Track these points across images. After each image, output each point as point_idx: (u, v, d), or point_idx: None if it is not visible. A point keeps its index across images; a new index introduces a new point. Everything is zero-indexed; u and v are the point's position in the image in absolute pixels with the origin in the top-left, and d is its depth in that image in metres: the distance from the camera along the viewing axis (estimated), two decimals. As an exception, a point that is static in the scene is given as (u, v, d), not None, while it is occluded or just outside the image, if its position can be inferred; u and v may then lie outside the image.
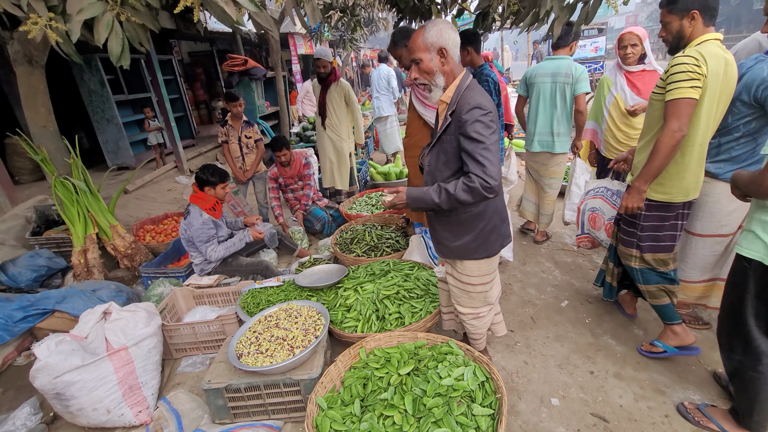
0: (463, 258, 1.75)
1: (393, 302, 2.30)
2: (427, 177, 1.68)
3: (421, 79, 1.57)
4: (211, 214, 2.88)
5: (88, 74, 6.00)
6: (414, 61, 1.54)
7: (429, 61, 1.53)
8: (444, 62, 1.55)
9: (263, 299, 2.45)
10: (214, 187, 2.91)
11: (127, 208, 5.22)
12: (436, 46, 1.52)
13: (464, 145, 1.48)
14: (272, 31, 1.56)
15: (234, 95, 3.73)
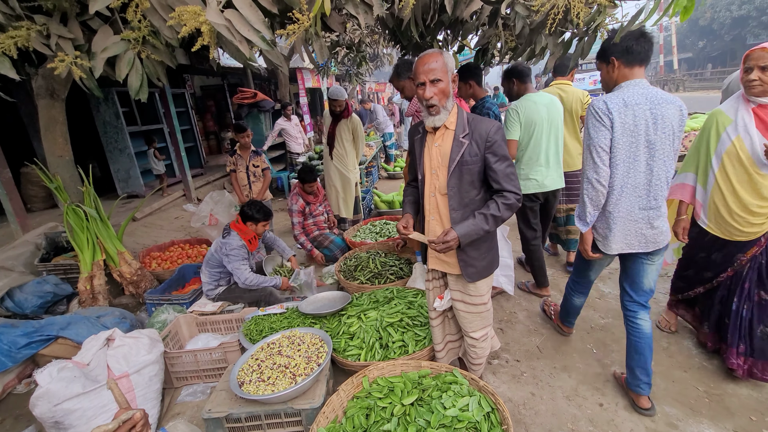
0: (485, 276, 1.81)
1: (396, 330, 2.28)
2: (452, 201, 1.70)
3: (435, 99, 1.60)
4: (249, 245, 2.93)
5: (104, 107, 6.25)
6: (434, 81, 1.57)
7: (447, 83, 1.60)
8: (454, 88, 1.65)
9: (266, 326, 2.44)
10: (256, 224, 2.95)
11: (135, 235, 5.29)
12: (452, 72, 1.62)
13: (494, 164, 1.63)
14: (282, 67, 1.65)
15: (242, 127, 3.87)
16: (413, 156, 1.85)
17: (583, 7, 1.52)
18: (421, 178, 1.79)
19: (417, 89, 1.63)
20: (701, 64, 33.43)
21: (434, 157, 1.72)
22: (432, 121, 1.66)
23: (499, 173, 1.62)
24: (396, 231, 3.39)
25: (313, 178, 3.83)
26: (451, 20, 1.94)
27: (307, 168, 3.86)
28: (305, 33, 1.53)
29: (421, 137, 1.78)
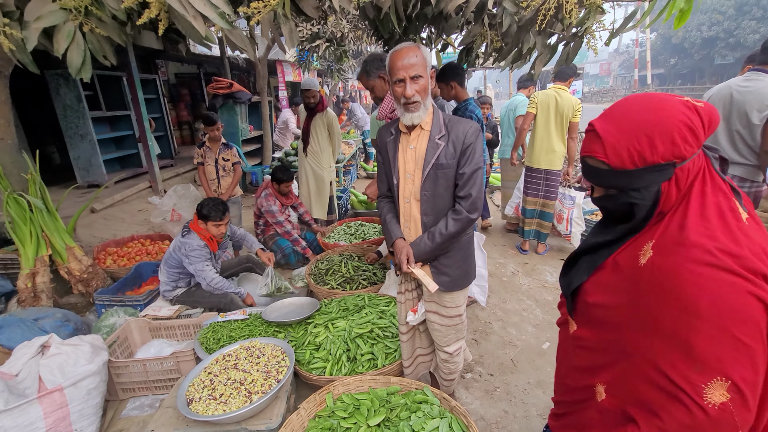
0: (461, 286, 1.71)
1: (366, 342, 2.14)
2: (425, 206, 1.59)
3: (417, 96, 1.48)
4: (210, 245, 2.69)
5: (64, 89, 5.83)
6: (415, 77, 1.45)
7: (427, 79, 1.48)
8: (433, 84, 1.53)
9: (225, 335, 2.25)
10: (206, 223, 2.67)
11: (93, 228, 4.93)
12: (430, 66, 1.50)
13: (464, 166, 1.52)
14: (247, 51, 1.48)
15: (212, 119, 3.63)
16: (385, 160, 1.69)
17: (576, 5, 1.42)
18: (396, 183, 1.65)
19: (394, 87, 1.49)
20: (672, 80, 34.86)
21: (409, 160, 1.59)
22: (410, 119, 1.51)
23: (465, 176, 1.52)
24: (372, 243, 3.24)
25: (289, 177, 3.65)
26: (435, 14, 1.82)
27: (282, 167, 3.67)
28: (273, 14, 1.36)
29: (394, 139, 1.63)
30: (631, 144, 0.78)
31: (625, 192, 0.83)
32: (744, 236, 0.73)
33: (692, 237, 0.74)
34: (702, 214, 0.77)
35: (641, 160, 0.79)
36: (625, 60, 42.40)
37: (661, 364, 0.76)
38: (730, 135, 2.52)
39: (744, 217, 0.76)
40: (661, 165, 0.78)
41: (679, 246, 0.76)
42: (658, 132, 0.76)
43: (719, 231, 0.74)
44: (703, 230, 0.75)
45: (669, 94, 0.82)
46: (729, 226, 0.75)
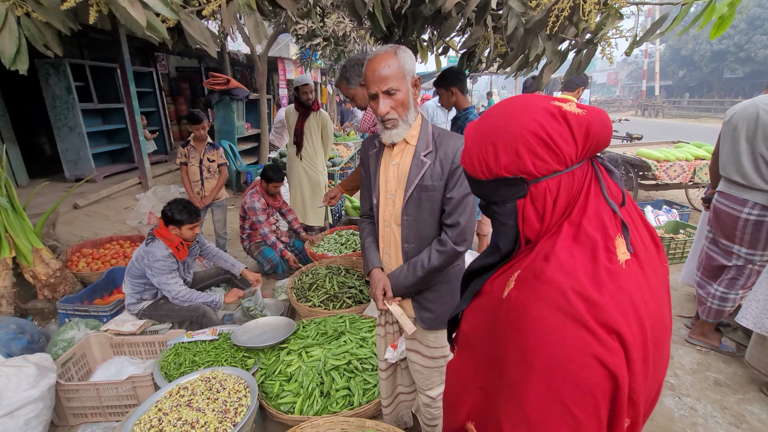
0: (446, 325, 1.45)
1: (342, 375, 1.92)
2: (407, 231, 1.38)
3: (393, 113, 1.27)
4: (177, 253, 2.46)
5: (54, 79, 5.64)
6: (389, 92, 1.24)
7: (406, 92, 1.26)
8: (416, 95, 1.30)
9: (188, 359, 2.04)
10: (179, 227, 2.44)
11: (74, 226, 4.73)
12: (411, 75, 1.28)
13: (453, 190, 1.31)
14: (207, 47, 1.27)
15: (198, 117, 3.42)
16: (367, 176, 1.48)
17: (595, 6, 1.21)
18: (376, 203, 1.43)
19: (370, 101, 1.28)
20: (679, 92, 34.55)
21: (391, 178, 1.38)
22: (389, 137, 1.31)
23: (453, 201, 1.30)
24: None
25: (279, 177, 3.44)
26: (432, 12, 1.61)
27: (275, 166, 3.46)
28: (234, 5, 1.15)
29: (377, 152, 1.42)
30: (480, 151, 0.68)
31: (489, 204, 0.73)
32: (611, 280, 0.60)
33: (549, 272, 0.63)
34: (570, 248, 0.64)
35: (488, 170, 0.68)
36: (633, 70, 42.12)
37: (501, 412, 0.67)
38: (753, 158, 2.29)
39: (622, 258, 0.63)
40: (507, 179, 0.66)
41: (536, 281, 0.64)
42: (503, 140, 0.65)
43: (583, 270, 0.61)
44: (565, 266, 0.62)
45: (542, 97, 0.69)
46: (597, 265, 0.61)
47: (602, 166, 0.71)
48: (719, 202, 2.37)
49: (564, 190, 0.66)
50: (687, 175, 4.86)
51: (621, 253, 0.63)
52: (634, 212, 0.70)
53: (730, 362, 2.49)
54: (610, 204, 0.66)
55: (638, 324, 0.59)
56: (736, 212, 2.26)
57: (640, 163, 4.96)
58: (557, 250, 0.65)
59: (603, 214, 0.66)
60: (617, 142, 7.71)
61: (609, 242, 0.63)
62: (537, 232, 0.70)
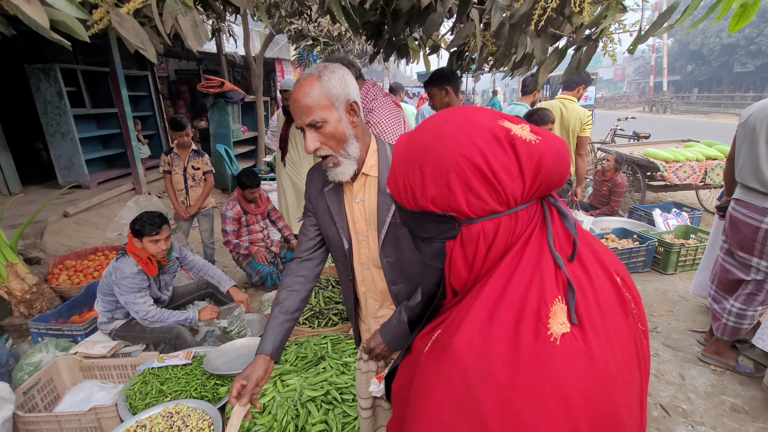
0: None
1: (320, 407, 1.76)
2: (390, 274, 1.19)
3: (324, 149, 1.04)
4: (146, 268, 2.28)
5: (45, 84, 5.55)
6: (313, 124, 1.01)
7: (337, 122, 1.02)
8: (356, 122, 1.07)
9: (155, 387, 1.89)
10: (141, 240, 2.26)
11: (62, 235, 4.63)
12: (343, 100, 1.03)
13: None
14: (145, 50, 1.11)
15: (180, 123, 3.28)
16: (322, 214, 1.22)
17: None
18: (347, 248, 1.21)
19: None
20: (688, 87, 33.92)
21: (359, 218, 1.17)
22: (334, 175, 1.09)
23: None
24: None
25: (254, 183, 3.27)
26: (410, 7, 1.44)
27: (249, 171, 3.31)
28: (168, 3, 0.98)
29: (335, 188, 1.18)
30: (405, 174, 0.53)
31: (415, 239, 0.59)
32: (533, 364, 0.45)
33: (457, 346, 0.49)
34: (491, 312, 0.49)
35: (413, 200, 0.53)
36: (640, 66, 41.46)
37: None
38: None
39: (558, 330, 0.46)
40: (435, 215, 0.51)
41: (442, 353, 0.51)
42: (431, 166, 0.50)
43: (498, 346, 0.47)
44: (477, 339, 0.48)
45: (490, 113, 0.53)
46: (518, 341, 0.46)
47: (554, 207, 0.54)
48: (736, 210, 2.16)
49: (502, 235, 0.51)
50: (698, 176, 4.64)
51: (557, 324, 0.47)
52: (593, 263, 0.53)
53: (747, 384, 2.29)
54: (554, 257, 0.50)
55: (568, 422, 0.43)
56: (756, 222, 2.05)
57: (648, 163, 4.74)
58: (472, 315, 0.49)
59: (543, 270, 0.49)
60: (623, 142, 7.46)
61: (542, 309, 0.48)
62: (463, 282, 0.54)
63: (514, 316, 0.47)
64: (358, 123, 1.08)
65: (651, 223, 4.23)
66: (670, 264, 3.61)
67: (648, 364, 0.55)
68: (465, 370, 0.46)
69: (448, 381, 0.47)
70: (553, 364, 0.45)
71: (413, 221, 0.55)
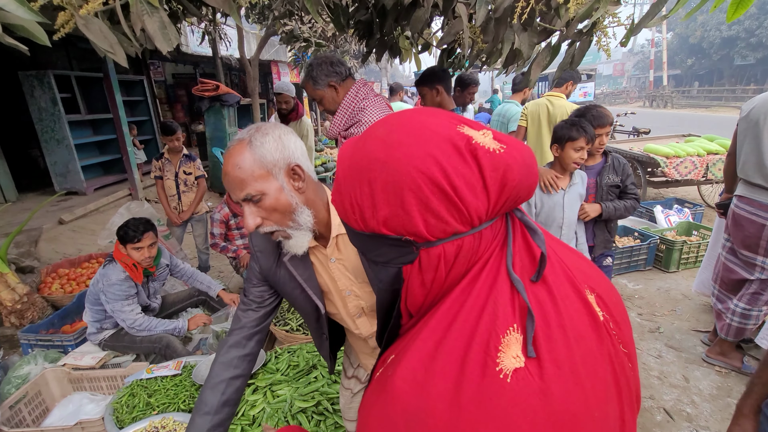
0: None
1: (311, 418, 1.71)
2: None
3: (267, 225, 0.90)
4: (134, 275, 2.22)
5: (39, 91, 5.53)
6: (249, 199, 0.86)
7: (278, 192, 0.87)
8: (302, 187, 0.90)
9: (142, 400, 1.84)
10: (125, 245, 2.21)
11: (57, 242, 4.59)
12: (282, 165, 0.88)
13: None
14: (115, 54, 1.06)
15: (171, 128, 3.23)
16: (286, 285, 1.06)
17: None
18: (324, 313, 1.09)
19: None
20: (688, 81, 33.72)
21: (339, 277, 1.04)
22: (289, 248, 0.94)
23: None
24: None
25: None
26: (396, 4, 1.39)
27: None
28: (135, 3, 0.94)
29: (299, 257, 1.01)
30: (353, 191, 0.46)
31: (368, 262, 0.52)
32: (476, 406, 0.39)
33: (398, 380, 0.44)
34: (438, 343, 0.44)
35: (363, 221, 0.46)
36: (640, 60, 41.24)
37: None
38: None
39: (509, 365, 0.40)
40: (389, 238, 0.45)
41: (383, 386, 0.46)
42: (383, 181, 0.43)
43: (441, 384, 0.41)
44: (419, 375, 0.43)
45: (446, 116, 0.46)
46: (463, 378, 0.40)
47: (521, 222, 0.48)
48: (739, 207, 2.10)
49: (463, 257, 0.45)
50: (699, 172, 4.57)
51: (509, 357, 0.40)
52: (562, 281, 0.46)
53: (754, 385, 2.22)
54: (512, 279, 0.44)
55: None
56: (761, 220, 1.99)
57: (648, 159, 4.67)
58: (417, 346, 0.44)
59: (498, 295, 0.43)
60: (623, 137, 7.38)
61: (492, 340, 0.41)
62: (419, 307, 0.49)
63: (462, 349, 0.41)
64: (306, 187, 0.91)
65: (652, 219, 4.16)
66: (673, 262, 3.55)
67: (634, 392, 0.48)
68: (405, 409, 0.40)
69: (384, 421, 0.42)
70: (499, 405, 0.38)
71: (364, 243, 0.48)
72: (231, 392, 1.04)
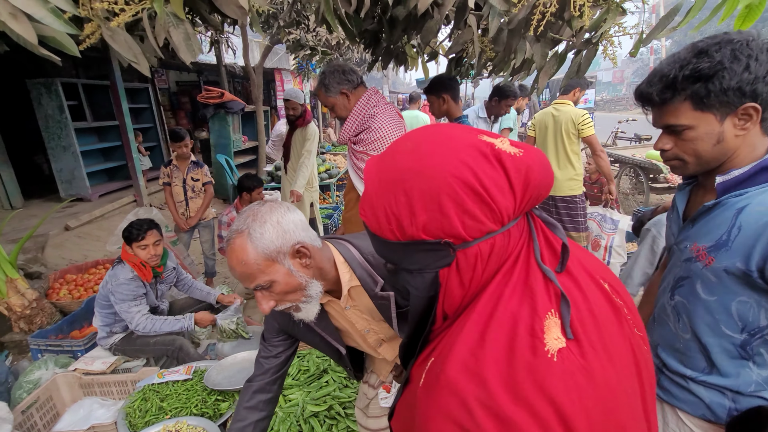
0: None
1: (323, 422, 1.72)
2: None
3: (283, 305, 0.93)
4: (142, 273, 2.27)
5: (46, 98, 5.59)
6: (261, 289, 0.89)
7: (287, 276, 0.88)
8: (309, 263, 0.92)
9: (155, 405, 1.85)
10: (131, 246, 2.28)
11: (63, 249, 4.62)
12: (286, 250, 0.88)
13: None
14: (138, 63, 1.10)
15: (179, 135, 3.28)
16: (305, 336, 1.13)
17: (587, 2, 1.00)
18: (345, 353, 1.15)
19: None
20: (688, 88, 33.84)
21: (357, 320, 1.08)
22: (302, 317, 0.98)
23: None
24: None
25: (258, 182, 3.26)
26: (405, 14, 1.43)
27: (247, 174, 3.31)
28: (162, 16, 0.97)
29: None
30: (387, 202, 0.49)
31: (400, 271, 0.54)
32: (532, 382, 0.42)
33: (450, 373, 0.46)
34: (483, 333, 0.46)
35: (400, 231, 0.49)
36: (639, 68, 41.48)
37: None
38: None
39: (554, 346, 0.44)
40: (428, 243, 0.47)
41: (436, 382, 0.48)
42: (419, 190, 0.46)
43: (494, 367, 0.44)
44: (470, 362, 0.45)
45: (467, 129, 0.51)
46: (514, 359, 0.43)
47: (540, 219, 0.53)
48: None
49: (496, 255, 0.48)
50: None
51: (552, 339, 0.44)
52: (581, 272, 0.50)
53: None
54: (542, 269, 0.48)
55: None
56: None
57: (651, 166, 4.71)
58: (465, 336, 0.47)
59: (533, 284, 0.47)
60: (625, 144, 7.43)
61: (536, 323, 0.45)
62: (456, 307, 0.52)
63: (507, 335, 0.45)
64: (312, 262, 0.92)
65: (655, 225, 4.18)
66: (677, 267, 3.56)
67: (652, 373, 0.52)
68: (462, 396, 0.43)
69: (445, 410, 0.44)
70: (551, 382, 0.42)
71: (397, 254, 0.51)
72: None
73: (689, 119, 0.81)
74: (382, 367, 1.38)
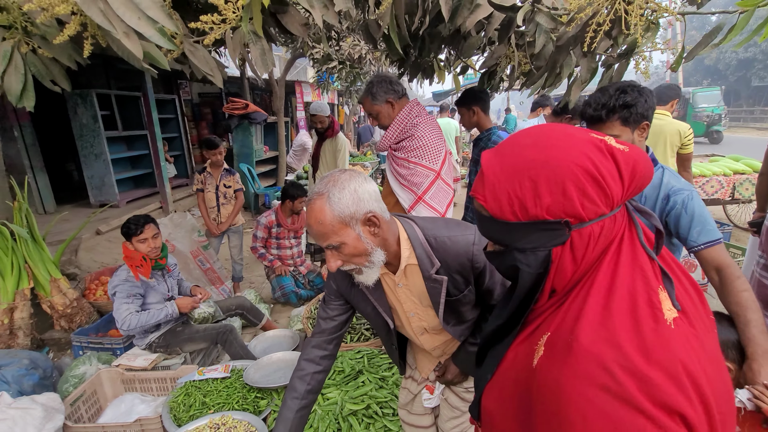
0: None
1: (361, 421, 1.77)
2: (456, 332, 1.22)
3: (347, 266, 1.03)
4: (135, 273, 2.34)
5: (81, 108, 5.85)
6: (331, 247, 0.98)
7: (356, 240, 0.98)
8: (377, 232, 1.01)
9: (198, 400, 1.93)
10: (130, 241, 2.37)
11: (95, 252, 4.79)
12: (359, 217, 0.97)
13: (490, 283, 1.14)
14: (213, 77, 1.20)
15: (214, 143, 3.42)
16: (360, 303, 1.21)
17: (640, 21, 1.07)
18: (392, 327, 1.23)
19: None
20: (705, 102, 33.49)
21: (405, 300, 1.17)
22: (358, 279, 1.08)
23: (495, 290, 1.15)
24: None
25: (303, 191, 3.38)
26: (451, 32, 1.52)
27: (295, 183, 3.43)
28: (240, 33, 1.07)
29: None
30: (511, 187, 0.57)
31: (510, 251, 0.61)
32: (660, 346, 0.49)
33: (584, 341, 0.51)
34: (606, 306, 0.53)
35: (522, 212, 0.56)
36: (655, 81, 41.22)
37: None
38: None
39: (669, 315, 0.51)
40: (548, 222, 0.55)
41: (568, 351, 0.53)
42: (545, 176, 0.54)
43: (624, 334, 0.50)
44: (602, 331, 0.51)
45: (580, 129, 0.59)
46: (640, 327, 0.50)
47: (635, 207, 0.61)
48: (774, 224, 2.13)
49: (603, 236, 0.56)
50: (726, 191, 4.57)
51: (667, 309, 0.52)
52: (669, 259, 0.59)
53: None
54: (647, 251, 0.56)
55: (701, 401, 0.47)
56: None
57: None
58: (590, 309, 0.53)
59: (642, 263, 0.55)
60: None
61: (653, 296, 0.52)
62: (566, 283, 0.59)
63: (629, 306, 0.52)
64: (380, 231, 1.01)
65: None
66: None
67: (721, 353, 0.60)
68: (602, 360, 0.49)
69: (586, 375, 0.50)
70: (675, 346, 0.49)
71: (512, 234, 0.58)
72: (315, 383, 1.23)
73: (618, 131, 1.33)
74: (424, 365, 1.44)
